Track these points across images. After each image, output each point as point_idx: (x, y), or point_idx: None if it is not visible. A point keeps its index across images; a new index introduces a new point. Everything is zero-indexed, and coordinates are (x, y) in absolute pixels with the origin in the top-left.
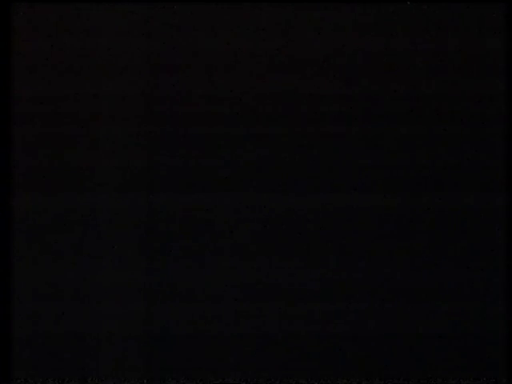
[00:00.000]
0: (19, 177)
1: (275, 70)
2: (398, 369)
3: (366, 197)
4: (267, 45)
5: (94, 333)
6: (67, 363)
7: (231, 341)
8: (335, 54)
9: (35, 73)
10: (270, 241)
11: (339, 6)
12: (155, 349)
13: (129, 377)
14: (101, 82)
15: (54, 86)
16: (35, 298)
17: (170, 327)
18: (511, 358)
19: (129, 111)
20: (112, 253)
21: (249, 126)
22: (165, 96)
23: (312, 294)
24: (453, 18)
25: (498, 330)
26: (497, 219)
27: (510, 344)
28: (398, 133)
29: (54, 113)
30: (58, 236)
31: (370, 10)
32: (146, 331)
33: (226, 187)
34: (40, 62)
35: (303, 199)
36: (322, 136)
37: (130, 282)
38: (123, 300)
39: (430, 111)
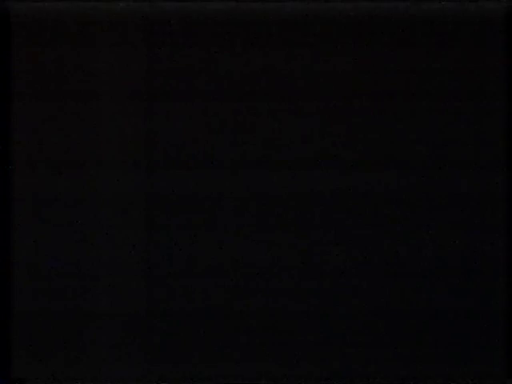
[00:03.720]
0: (19, 154)
1: (276, 46)
2: (393, 354)
3: (367, 175)
4: (269, 21)
5: (94, 310)
6: (66, 341)
7: (232, 317)
8: (339, 32)
9: (34, 53)
10: (271, 217)
11: None
12: (155, 325)
13: (129, 354)
14: (100, 60)
15: (53, 64)
16: (34, 275)
17: (170, 303)
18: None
19: (129, 87)
20: (112, 230)
21: (251, 102)
22: (165, 72)
23: (314, 271)
24: (453, 18)
25: (499, 306)
26: (497, 197)
27: (510, 339)
28: (398, 111)
29: (52, 90)
30: (57, 213)
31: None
32: (146, 308)
33: (226, 164)
34: (39, 42)
35: (306, 177)
36: (326, 113)
37: (129, 259)
38: (123, 277)
39: (430, 89)
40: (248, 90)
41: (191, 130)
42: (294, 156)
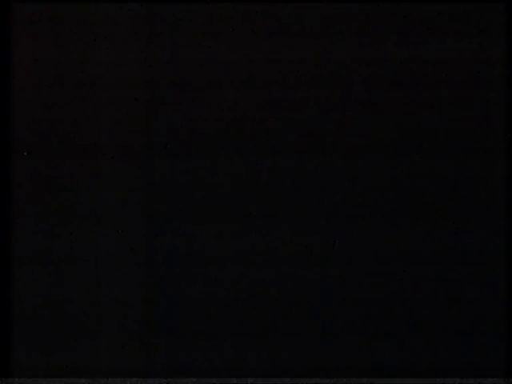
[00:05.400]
0: (18, 142)
1: (277, 35)
2: (389, 350)
3: (364, 161)
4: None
5: (94, 299)
6: (66, 329)
7: (232, 305)
8: (335, 17)
9: (34, 38)
10: (272, 206)
11: None
12: (155, 314)
13: (129, 343)
14: (100, 48)
15: (52, 50)
16: (33, 263)
17: (170, 292)
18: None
19: (129, 76)
20: (111, 219)
21: (250, 90)
22: (165, 60)
23: (314, 259)
24: (452, 17)
25: (499, 293)
26: (496, 184)
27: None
28: (396, 97)
29: (52, 78)
30: (56, 201)
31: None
32: (146, 297)
33: (227, 152)
34: (40, 26)
35: (306, 163)
36: (320, 101)
37: (130, 248)
38: (123, 265)
39: (430, 76)
40: (249, 79)
41: (193, 120)
42: (297, 144)
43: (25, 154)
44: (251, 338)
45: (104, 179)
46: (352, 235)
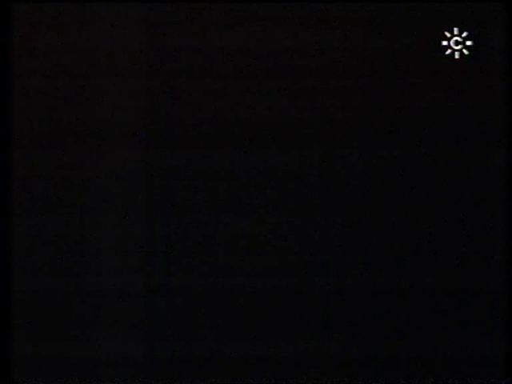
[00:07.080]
0: (18, 131)
1: (273, 26)
2: (390, 332)
3: (364, 151)
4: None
5: (94, 288)
6: (66, 319)
7: (231, 294)
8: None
9: (34, 28)
10: (268, 196)
11: None
12: (156, 302)
13: (130, 332)
14: (100, 37)
15: (52, 39)
16: (33, 253)
17: (170, 281)
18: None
19: (129, 65)
20: (111, 207)
21: (249, 80)
22: (165, 50)
23: (312, 248)
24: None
25: (499, 285)
26: (496, 175)
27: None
28: (395, 86)
29: (53, 67)
30: (56, 189)
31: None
32: (146, 285)
33: (226, 143)
34: (39, 15)
35: (305, 154)
36: (316, 90)
37: (129, 237)
38: (123, 254)
39: (429, 73)
40: (246, 69)
41: (191, 107)
42: (299, 134)
43: None
44: (254, 330)
45: (103, 169)
46: (351, 229)
